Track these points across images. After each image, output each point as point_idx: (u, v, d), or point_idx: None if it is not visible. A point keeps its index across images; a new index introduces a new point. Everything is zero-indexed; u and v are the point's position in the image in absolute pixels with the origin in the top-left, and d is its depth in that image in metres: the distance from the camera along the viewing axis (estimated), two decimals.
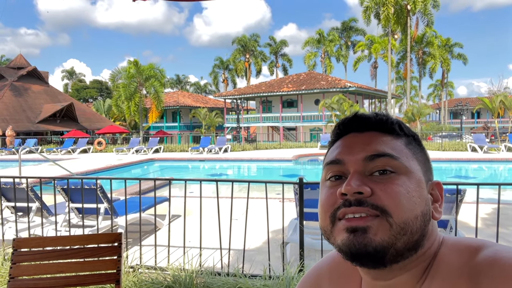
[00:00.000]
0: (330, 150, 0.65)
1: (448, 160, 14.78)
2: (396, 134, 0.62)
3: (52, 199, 3.95)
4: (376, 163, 0.58)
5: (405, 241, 0.55)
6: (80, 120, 31.12)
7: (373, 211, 0.54)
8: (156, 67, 30.15)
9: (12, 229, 4.30)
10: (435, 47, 39.18)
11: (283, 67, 49.73)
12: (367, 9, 32.78)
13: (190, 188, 7.53)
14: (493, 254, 0.53)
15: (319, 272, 0.75)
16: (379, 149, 0.59)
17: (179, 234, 3.85)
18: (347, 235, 0.55)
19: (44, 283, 1.75)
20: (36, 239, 1.89)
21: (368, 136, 0.61)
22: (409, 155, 0.60)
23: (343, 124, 0.65)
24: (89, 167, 12.95)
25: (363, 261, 0.55)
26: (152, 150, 18.81)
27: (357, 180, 0.56)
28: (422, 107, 26.67)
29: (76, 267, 1.79)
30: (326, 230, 0.59)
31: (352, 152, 0.60)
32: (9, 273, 1.71)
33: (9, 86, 30.31)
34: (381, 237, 0.54)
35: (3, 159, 17.76)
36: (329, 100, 23.40)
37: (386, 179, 0.57)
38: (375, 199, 0.55)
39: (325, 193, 0.60)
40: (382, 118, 0.63)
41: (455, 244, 0.59)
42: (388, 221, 0.54)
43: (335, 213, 0.57)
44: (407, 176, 0.58)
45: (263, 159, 15.95)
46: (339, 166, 0.60)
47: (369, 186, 0.56)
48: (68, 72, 62.53)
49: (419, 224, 0.56)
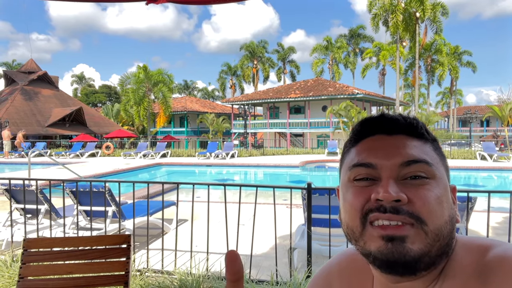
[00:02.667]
0: (353, 150, 0.62)
1: (457, 168, 14.62)
2: (425, 139, 0.61)
3: (61, 201, 3.98)
4: (411, 169, 0.56)
5: (438, 247, 0.55)
6: (88, 124, 31.39)
7: (410, 220, 0.54)
8: (165, 73, 30.41)
9: (21, 231, 4.33)
10: (444, 54, 38.99)
11: (291, 74, 49.81)
12: (376, 16, 32.76)
13: (197, 193, 7.53)
14: (502, 252, 0.54)
15: (329, 271, 0.74)
16: (415, 155, 0.57)
17: (186, 238, 3.85)
18: (383, 243, 0.54)
19: (53, 283, 1.75)
20: (46, 240, 1.90)
21: (399, 140, 0.59)
22: (437, 160, 0.60)
23: (369, 124, 0.63)
24: (97, 171, 13.04)
25: (398, 270, 0.54)
26: (159, 155, 18.89)
27: (395, 187, 0.55)
28: (431, 114, 26.49)
29: (85, 268, 1.80)
30: (354, 231, 0.57)
31: (386, 156, 0.58)
32: (19, 273, 1.72)
33: (20, 90, 30.73)
34: (419, 246, 0.53)
35: (13, 162, 17.97)
36: (337, 107, 23.34)
37: (419, 185, 0.56)
38: (410, 207, 0.54)
39: (353, 192, 0.58)
40: (412, 122, 0.61)
41: (467, 244, 0.59)
42: (423, 230, 0.54)
43: (366, 215, 0.56)
44: (437, 182, 0.57)
45: (270, 165, 15.92)
46: (371, 170, 0.58)
47: (405, 192, 0.55)
48: (78, 77, 63.28)
49: (449, 229, 0.56)
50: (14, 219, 4.73)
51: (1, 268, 3.30)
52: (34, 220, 4.56)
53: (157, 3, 1.83)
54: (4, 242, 4.30)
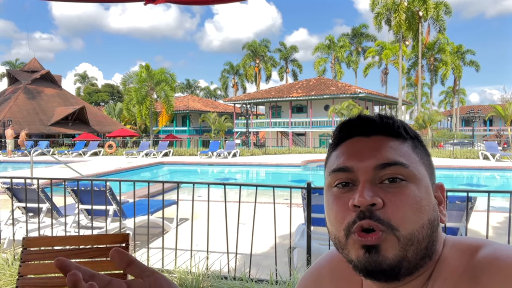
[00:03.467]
0: (334, 155, 0.62)
1: (460, 168, 14.59)
2: (403, 138, 0.60)
3: (62, 200, 4.00)
4: (386, 171, 0.56)
5: (414, 251, 0.54)
6: (91, 123, 31.50)
7: (381, 226, 0.54)
8: (167, 72, 30.47)
9: (22, 229, 4.36)
10: (447, 53, 38.83)
11: (293, 73, 49.78)
12: (378, 15, 32.66)
13: (198, 192, 7.55)
14: (492, 252, 0.54)
15: (320, 271, 0.74)
16: (390, 157, 0.57)
17: (187, 237, 3.86)
18: (362, 252, 0.54)
19: (52, 282, 1.77)
20: (45, 238, 1.92)
21: (376, 141, 0.59)
22: (417, 160, 0.59)
23: (346, 126, 0.63)
24: (99, 169, 13.08)
25: (378, 277, 0.55)
26: (161, 154, 18.93)
27: (369, 191, 0.55)
28: (433, 114, 26.42)
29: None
30: (340, 241, 0.58)
31: (361, 159, 0.58)
32: (19, 271, 1.73)
33: (23, 89, 30.87)
34: (393, 253, 0.53)
35: (16, 161, 18.05)
36: (339, 106, 23.33)
37: (396, 188, 0.56)
38: (382, 213, 0.54)
39: (335, 202, 0.59)
40: (388, 121, 0.61)
41: (456, 244, 0.59)
42: (395, 235, 0.54)
43: (349, 227, 0.56)
44: (416, 184, 0.57)
45: (271, 164, 15.93)
46: (348, 174, 0.58)
47: (380, 196, 0.55)
48: (81, 76, 63.45)
49: (425, 232, 0.55)
50: (16, 217, 4.76)
51: (2, 267, 3.33)
52: (35, 219, 4.59)
53: (156, 3, 1.84)
54: (6, 241, 4.32)
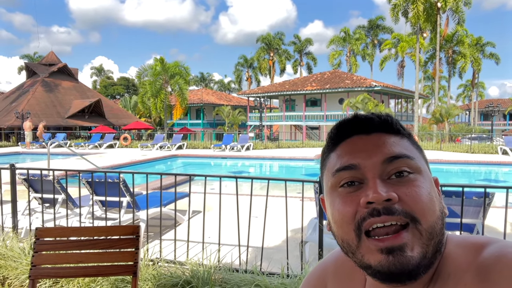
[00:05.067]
0: (334, 155, 0.61)
1: (477, 163, 14.28)
2: (401, 134, 0.60)
3: (77, 191, 4.06)
4: (394, 165, 0.56)
5: (433, 245, 0.54)
6: (107, 116, 31.92)
7: (405, 219, 0.52)
8: (181, 65, 30.60)
9: (38, 219, 4.45)
10: (466, 46, 37.91)
11: (308, 66, 49.38)
12: (395, 6, 32.00)
13: (212, 185, 7.59)
14: (499, 249, 0.53)
15: (324, 269, 0.73)
16: (396, 151, 0.57)
17: (199, 230, 3.88)
18: (383, 256, 0.52)
19: (64, 272, 1.79)
20: (57, 229, 1.94)
21: (378, 138, 0.58)
22: (417, 154, 0.60)
23: (344, 126, 0.61)
24: (114, 161, 13.27)
25: (402, 280, 0.53)
26: (175, 147, 19.08)
27: (383, 186, 0.53)
28: (451, 107, 25.89)
29: (95, 258, 1.82)
30: (350, 244, 0.56)
31: (367, 155, 0.57)
32: (31, 261, 1.76)
33: (41, 82, 31.44)
34: (417, 251, 0.52)
35: (34, 152, 18.45)
36: (354, 100, 23.06)
37: (406, 182, 0.55)
38: (403, 205, 0.53)
39: (341, 202, 0.57)
40: (387, 119, 0.60)
41: (461, 242, 0.58)
42: (418, 230, 0.53)
43: (359, 225, 0.54)
44: (423, 176, 0.56)
45: (284, 157, 15.88)
46: (354, 172, 0.57)
47: (393, 191, 0.53)
48: (97, 69, 64.26)
49: (440, 224, 0.55)
50: (32, 208, 4.87)
51: (19, 256, 3.40)
52: (51, 209, 4.68)
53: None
54: (24, 230, 4.42)
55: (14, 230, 4.06)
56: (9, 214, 4.20)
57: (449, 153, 17.25)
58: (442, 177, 14.16)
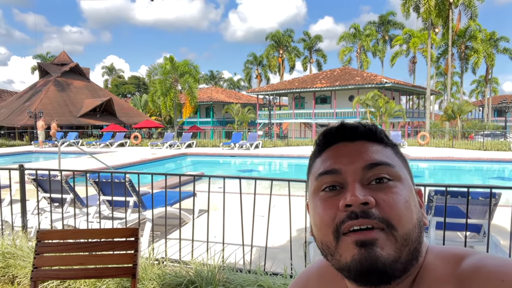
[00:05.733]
0: (319, 160, 0.63)
1: (490, 161, 14.05)
2: (385, 143, 0.63)
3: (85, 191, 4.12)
4: (374, 171, 0.57)
5: (407, 252, 0.55)
6: (118, 115, 32.26)
7: (381, 224, 0.54)
8: (191, 63, 30.69)
9: (47, 219, 4.53)
10: (479, 41, 37.23)
11: (317, 63, 49.09)
12: (407, 2, 31.61)
13: (219, 184, 7.62)
14: (478, 261, 0.54)
15: (307, 279, 0.74)
16: (376, 158, 0.59)
17: (205, 229, 3.91)
18: (357, 250, 0.53)
19: (65, 274, 1.82)
20: (58, 232, 1.98)
21: (361, 145, 0.61)
22: (399, 163, 0.61)
23: (330, 134, 0.64)
24: (125, 160, 13.42)
25: (370, 278, 0.54)
26: (185, 145, 19.19)
27: (361, 190, 0.55)
28: (463, 104, 25.48)
29: (95, 259, 1.86)
30: (329, 246, 0.57)
31: (349, 161, 0.59)
32: (33, 263, 1.80)
33: (53, 82, 31.91)
34: (388, 252, 0.53)
35: (47, 151, 18.76)
36: (364, 97, 22.84)
37: (385, 188, 0.57)
38: (380, 211, 0.54)
39: (321, 205, 0.58)
40: (371, 127, 0.63)
41: (441, 253, 0.59)
42: (393, 235, 0.54)
43: (338, 228, 0.55)
44: (402, 184, 0.58)
45: (293, 155, 15.85)
46: (336, 176, 0.59)
47: (371, 195, 0.55)
48: (108, 69, 64.93)
49: (417, 232, 0.56)
50: (42, 207, 4.96)
51: (28, 255, 3.47)
52: (60, 209, 4.75)
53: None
54: (33, 230, 4.51)
55: (24, 229, 4.14)
56: (19, 214, 4.29)
57: (461, 150, 17.00)
58: (454, 175, 13.91)
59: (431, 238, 3.56)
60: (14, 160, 15.44)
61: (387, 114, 21.88)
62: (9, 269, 3.40)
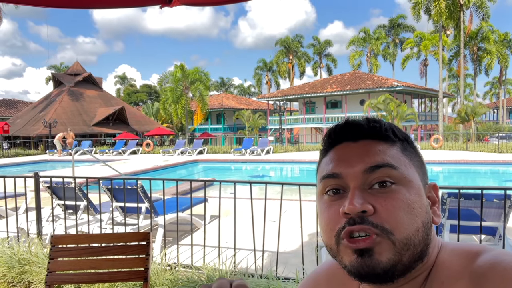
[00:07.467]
0: (324, 161, 0.63)
1: (505, 163, 13.79)
2: (391, 141, 0.60)
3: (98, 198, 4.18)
4: (375, 175, 0.57)
5: (410, 255, 0.55)
6: (130, 123, 32.65)
7: (374, 230, 0.54)
8: (201, 71, 30.95)
9: (62, 226, 4.60)
10: (492, 42, 36.68)
11: (327, 68, 48.98)
12: (417, 4, 31.35)
13: (231, 190, 7.63)
14: (493, 257, 0.53)
15: (317, 278, 0.74)
16: (378, 160, 0.57)
17: (216, 235, 3.92)
18: (355, 257, 0.55)
19: (78, 278, 1.85)
20: (72, 236, 2.01)
21: (363, 146, 0.60)
22: (406, 162, 0.59)
23: (334, 132, 0.63)
24: (137, 168, 13.55)
25: (373, 280, 0.55)
26: (196, 152, 19.30)
27: (359, 198, 0.55)
28: (477, 106, 25.10)
29: (107, 264, 1.88)
30: (332, 248, 0.59)
31: (349, 164, 0.58)
32: (47, 267, 1.83)
33: (67, 92, 32.50)
34: (387, 257, 0.54)
35: (64, 160, 19.03)
36: (375, 100, 22.68)
37: (386, 193, 0.56)
38: (375, 217, 0.55)
39: (326, 210, 0.59)
40: (376, 125, 0.61)
41: (455, 249, 0.58)
42: (390, 239, 0.54)
43: (340, 232, 0.56)
44: (406, 187, 0.57)
45: (304, 160, 15.80)
46: (337, 180, 0.59)
47: (371, 202, 0.55)
48: (120, 78, 65.87)
49: (421, 236, 0.56)
50: (56, 214, 5.04)
51: (43, 261, 3.53)
52: (74, 216, 4.82)
53: (171, 6, 1.86)
54: (48, 236, 4.58)
55: (39, 236, 4.21)
56: (34, 221, 4.37)
57: (476, 153, 16.72)
58: (469, 178, 13.66)
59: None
60: (30, 169, 15.72)
61: (399, 118, 21.67)
62: (25, 275, 3.46)
